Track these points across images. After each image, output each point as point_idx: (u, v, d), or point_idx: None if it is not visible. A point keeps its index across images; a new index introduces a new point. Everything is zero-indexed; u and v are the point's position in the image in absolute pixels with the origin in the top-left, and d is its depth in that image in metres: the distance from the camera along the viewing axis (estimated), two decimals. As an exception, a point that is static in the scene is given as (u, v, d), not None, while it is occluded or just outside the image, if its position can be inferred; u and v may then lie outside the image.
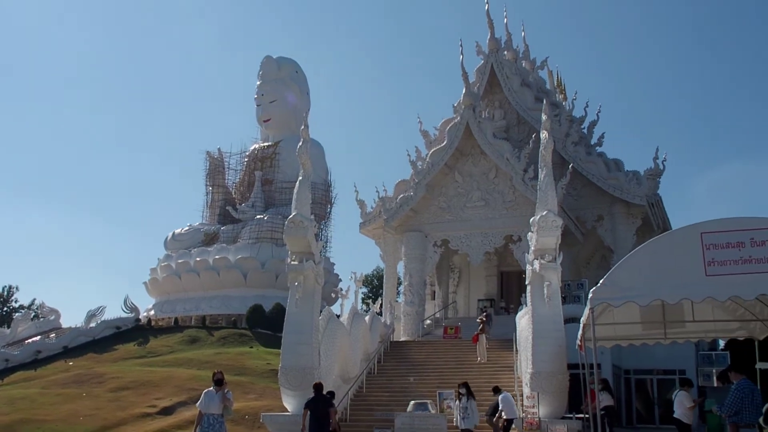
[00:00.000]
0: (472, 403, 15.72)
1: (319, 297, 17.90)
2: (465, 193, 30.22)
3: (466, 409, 15.59)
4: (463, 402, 15.72)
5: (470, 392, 15.89)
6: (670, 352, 21.55)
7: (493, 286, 35.33)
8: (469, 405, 15.62)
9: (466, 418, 15.54)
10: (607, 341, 16.46)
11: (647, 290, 10.37)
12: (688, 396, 12.84)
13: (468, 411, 15.57)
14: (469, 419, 15.53)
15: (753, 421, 9.65)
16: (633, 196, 30.85)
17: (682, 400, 12.63)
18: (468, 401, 15.66)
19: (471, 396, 15.81)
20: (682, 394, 12.79)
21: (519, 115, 34.13)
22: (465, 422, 15.55)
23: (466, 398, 15.71)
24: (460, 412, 15.70)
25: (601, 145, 35.63)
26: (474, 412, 15.68)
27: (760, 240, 10.09)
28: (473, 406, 15.73)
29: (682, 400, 12.64)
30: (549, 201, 15.97)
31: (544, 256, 15.75)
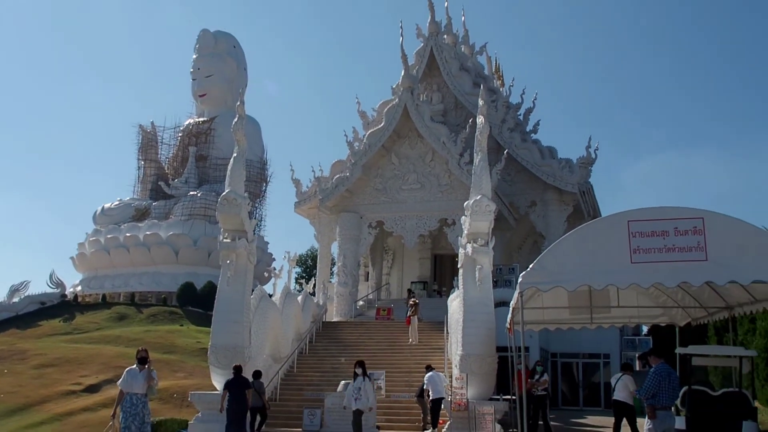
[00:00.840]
0: (367, 383, 14.83)
1: (251, 276, 17.69)
2: (401, 176, 30.28)
3: (359, 390, 14.65)
4: (357, 382, 14.76)
5: (366, 372, 15.01)
6: (596, 336, 22.19)
7: (427, 268, 35.64)
8: (363, 386, 14.67)
9: (358, 399, 14.58)
10: (536, 325, 16.81)
11: (575, 276, 10.56)
12: (632, 380, 13.23)
13: (361, 392, 14.61)
14: (361, 401, 14.58)
15: (670, 404, 9.97)
16: (565, 183, 31.47)
17: (627, 384, 12.97)
18: (363, 381, 14.74)
19: (366, 376, 14.97)
20: (626, 377, 13.14)
21: (457, 100, 34.35)
22: (357, 403, 14.61)
23: (361, 378, 14.77)
24: (353, 392, 14.76)
25: (536, 132, 36.23)
26: (369, 393, 14.75)
27: (683, 229, 10.36)
28: (368, 387, 14.84)
29: (626, 383, 12.99)
30: (483, 186, 16.10)
31: (476, 240, 15.89)
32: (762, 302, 12.63)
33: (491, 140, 30.98)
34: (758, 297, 12.57)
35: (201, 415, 16.57)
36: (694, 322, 16.32)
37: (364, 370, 14.88)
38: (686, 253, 10.32)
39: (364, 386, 14.63)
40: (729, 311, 14.20)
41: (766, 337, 16.43)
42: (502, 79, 42.03)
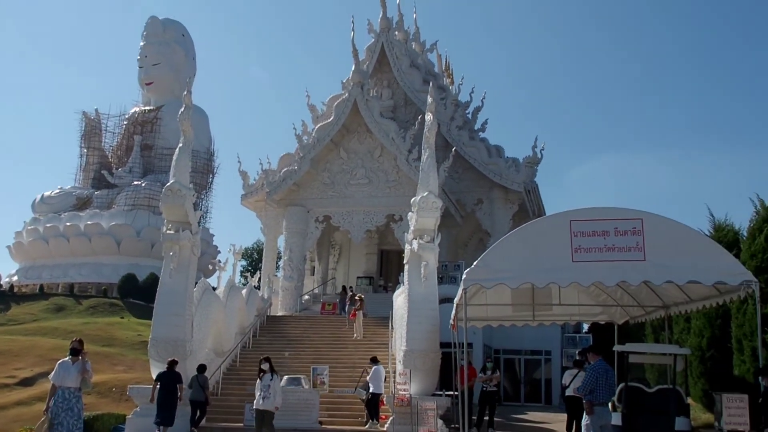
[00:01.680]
0: (276, 381, 13.77)
1: (194, 268, 17.39)
2: (349, 170, 30.22)
3: (267, 388, 13.45)
4: (265, 380, 13.55)
5: (273, 368, 13.93)
6: (538, 333, 22.51)
7: (373, 264, 35.67)
8: (272, 383, 13.54)
9: (266, 398, 13.39)
10: (479, 321, 16.97)
11: (518, 273, 10.70)
12: None
13: (270, 390, 13.44)
14: (269, 399, 13.41)
15: (606, 400, 10.16)
16: (511, 182, 31.86)
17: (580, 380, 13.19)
18: (272, 379, 13.60)
19: (275, 373, 13.89)
20: (581, 374, 13.41)
21: (407, 96, 34.44)
22: (265, 402, 13.41)
23: (269, 375, 13.63)
24: (261, 390, 13.51)
25: (484, 130, 36.57)
26: (277, 391, 13.68)
27: (623, 230, 10.59)
28: (277, 385, 13.80)
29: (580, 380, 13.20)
30: (430, 182, 16.15)
31: (422, 237, 15.93)
32: (697, 302, 13.01)
33: (440, 137, 31.18)
34: (693, 297, 12.94)
35: (139, 410, 16.23)
36: (632, 320, 16.71)
37: (271, 366, 13.81)
38: (625, 252, 10.55)
39: (274, 384, 13.60)
40: (665, 310, 14.58)
41: (700, 336, 16.87)
42: (451, 77, 42.31)
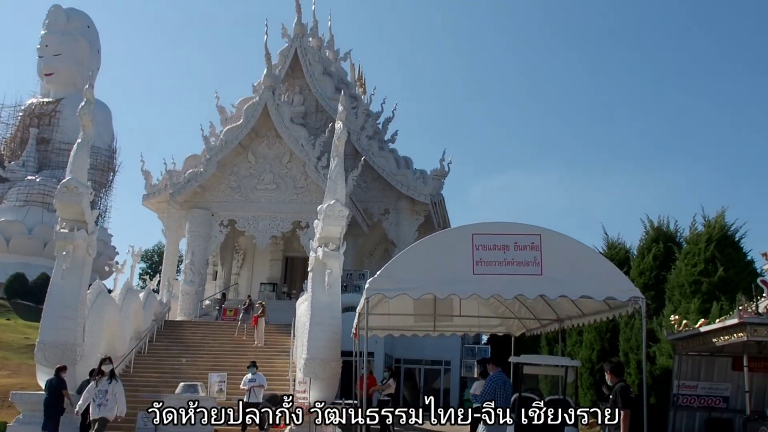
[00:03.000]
0: (117, 386, 12.27)
1: (89, 269, 16.70)
2: (257, 175, 29.85)
3: (105, 393, 11.97)
4: (103, 384, 12.05)
5: (114, 373, 12.60)
6: (438, 343, 22.87)
7: (278, 270, 35.32)
8: (111, 389, 12.06)
9: (103, 405, 11.88)
10: (381, 331, 17.07)
11: (420, 284, 10.80)
12: None
13: (108, 396, 11.98)
14: (107, 407, 11.93)
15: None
16: (418, 193, 32.29)
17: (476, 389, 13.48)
18: (110, 383, 12.13)
19: (116, 378, 12.50)
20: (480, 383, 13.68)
21: (318, 103, 34.39)
22: (101, 410, 11.88)
23: (107, 380, 12.16)
24: (97, 396, 11.96)
25: (393, 141, 36.97)
26: (120, 398, 12.29)
27: (522, 245, 10.88)
28: (120, 390, 12.34)
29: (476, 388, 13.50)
30: (338, 190, 16.15)
31: (328, 245, 15.90)
32: (589, 316, 13.51)
33: (349, 146, 31.29)
34: (585, 311, 13.44)
35: (22, 417, 15.40)
36: (529, 332, 17.21)
37: (112, 370, 12.54)
38: (524, 267, 10.83)
39: (113, 390, 12.16)
40: (559, 323, 15.08)
41: (591, 349, 17.61)
42: (364, 87, 42.57)
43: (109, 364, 12.54)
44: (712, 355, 12.74)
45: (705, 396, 12.84)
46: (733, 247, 15.22)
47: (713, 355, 12.69)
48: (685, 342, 12.28)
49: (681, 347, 12.57)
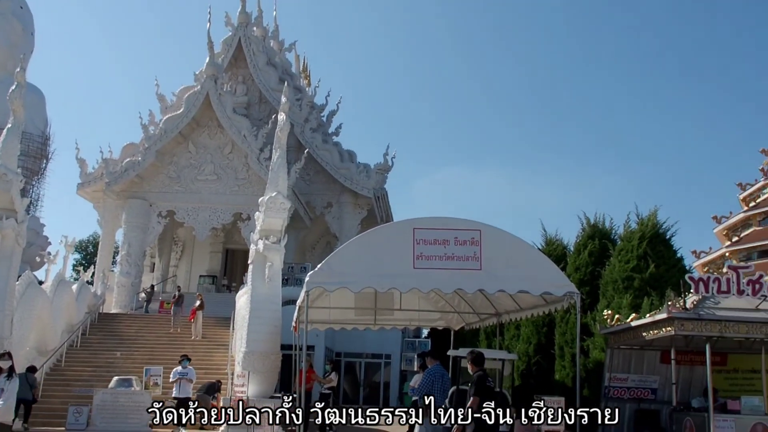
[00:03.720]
0: (13, 384, 11.69)
1: (18, 259, 16.17)
2: (197, 165, 29.38)
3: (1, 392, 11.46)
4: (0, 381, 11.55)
5: (13, 370, 11.87)
6: (379, 337, 22.98)
7: (217, 262, 34.88)
8: (7, 386, 11.52)
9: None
10: (322, 324, 17.05)
11: (360, 278, 10.82)
12: None
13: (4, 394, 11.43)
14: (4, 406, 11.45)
15: (441, 403, 10.47)
16: (361, 187, 32.29)
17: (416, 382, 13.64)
18: (7, 381, 11.55)
19: (14, 375, 11.80)
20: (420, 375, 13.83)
21: (262, 94, 34.04)
22: None
23: (5, 377, 11.58)
24: None
25: (338, 135, 36.84)
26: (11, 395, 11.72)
27: (462, 240, 11.00)
28: (13, 388, 11.72)
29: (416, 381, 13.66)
30: (280, 183, 16.02)
31: (269, 237, 15.77)
32: (526, 310, 13.78)
33: (293, 138, 31.08)
34: (523, 306, 13.70)
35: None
36: (468, 326, 17.44)
37: (11, 367, 11.84)
38: (463, 262, 10.96)
39: (8, 387, 11.59)
40: (498, 318, 15.33)
41: (528, 343, 17.94)
42: (308, 79, 42.28)
43: (8, 360, 11.86)
44: (642, 349, 13.13)
45: (635, 388, 13.23)
46: (664, 245, 15.71)
47: (643, 348, 13.08)
48: (617, 336, 12.63)
49: (613, 341, 12.91)
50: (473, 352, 9.11)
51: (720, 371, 13.22)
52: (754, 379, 13.24)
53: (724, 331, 10.46)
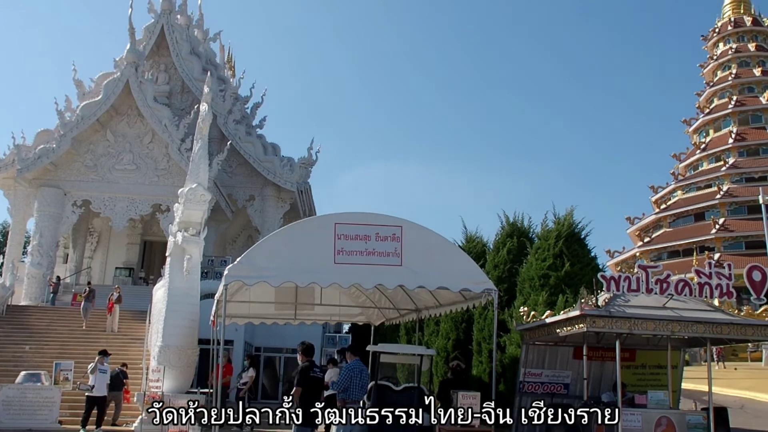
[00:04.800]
0: None
1: None
2: (115, 154, 28.48)
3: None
4: None
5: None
6: (299, 332, 22.82)
7: (135, 254, 33.95)
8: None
9: None
10: (241, 318, 16.85)
11: (281, 272, 10.74)
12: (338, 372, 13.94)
13: None
14: None
15: (359, 398, 10.52)
16: (285, 181, 32.02)
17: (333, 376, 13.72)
18: None
19: None
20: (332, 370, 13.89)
21: (184, 83, 33.29)
22: None
23: None
24: None
25: (262, 127, 36.43)
26: None
27: (384, 235, 11.08)
28: None
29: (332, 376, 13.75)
30: (200, 174, 15.73)
31: (188, 229, 15.46)
32: (445, 306, 13.97)
33: (216, 130, 30.56)
34: (442, 302, 13.88)
35: None
36: (388, 321, 17.56)
37: None
38: (384, 257, 11.04)
39: None
40: (417, 313, 15.49)
41: (447, 338, 18.18)
42: (233, 70, 41.62)
43: None
44: (556, 345, 13.49)
45: (548, 383, 13.59)
46: (579, 244, 16.19)
47: (557, 344, 13.45)
48: (532, 332, 12.94)
49: (528, 337, 13.22)
50: (303, 343, 9.34)
51: (629, 367, 13.74)
52: (660, 375, 13.83)
53: (633, 328, 10.85)
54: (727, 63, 66.47)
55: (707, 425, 11.17)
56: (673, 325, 10.94)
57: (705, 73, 69.17)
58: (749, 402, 22.74)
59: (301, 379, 8.85)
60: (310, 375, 8.91)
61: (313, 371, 9.02)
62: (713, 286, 11.10)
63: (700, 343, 13.17)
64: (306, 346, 9.27)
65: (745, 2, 70.14)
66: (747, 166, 58.94)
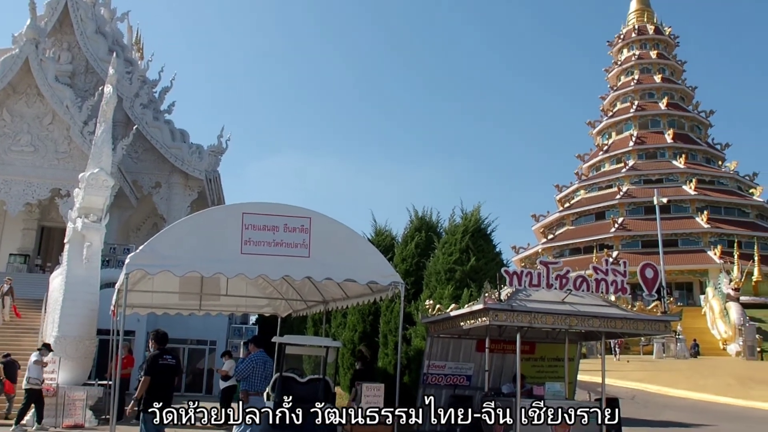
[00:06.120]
0: None
1: None
2: (12, 135, 27.10)
3: None
4: None
5: None
6: (205, 323, 22.40)
7: (31, 240, 32.39)
8: None
9: None
10: (144, 308, 16.37)
11: (185, 261, 10.47)
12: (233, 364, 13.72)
13: None
14: None
15: (261, 389, 10.44)
16: (193, 168, 31.30)
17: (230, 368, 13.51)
18: None
19: None
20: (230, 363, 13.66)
21: (88, 63, 31.99)
22: None
23: None
24: None
25: (170, 113, 35.41)
26: None
27: (292, 227, 10.98)
28: None
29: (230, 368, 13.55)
30: (103, 159, 15.20)
31: (89, 215, 14.94)
32: (352, 299, 14.01)
33: (121, 113, 29.55)
34: (350, 294, 13.92)
35: None
36: (296, 313, 17.46)
37: None
38: (292, 249, 10.95)
39: None
40: (325, 305, 15.47)
41: (354, 331, 18.24)
42: (141, 52, 40.22)
43: None
44: (459, 338, 13.76)
45: (451, 375, 13.85)
46: (485, 239, 16.54)
47: (461, 337, 13.72)
48: (437, 325, 13.15)
49: (433, 330, 13.42)
50: (157, 331, 9.33)
51: (528, 359, 14.17)
52: (558, 367, 14.33)
53: (533, 321, 11.18)
54: (630, 69, 69.47)
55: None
56: (570, 319, 11.34)
57: (610, 77, 72.07)
58: (640, 393, 23.92)
59: (150, 368, 8.78)
60: (159, 363, 8.84)
61: (164, 359, 8.94)
62: (609, 283, 11.55)
63: (596, 336, 13.72)
64: (158, 334, 9.18)
65: (648, 11, 73.44)
66: (645, 169, 61.85)
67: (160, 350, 9.04)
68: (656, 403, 21.53)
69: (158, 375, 8.79)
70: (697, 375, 27.27)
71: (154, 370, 8.77)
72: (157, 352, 9.00)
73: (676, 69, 69.31)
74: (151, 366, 8.83)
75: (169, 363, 9.02)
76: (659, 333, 12.57)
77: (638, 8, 73.19)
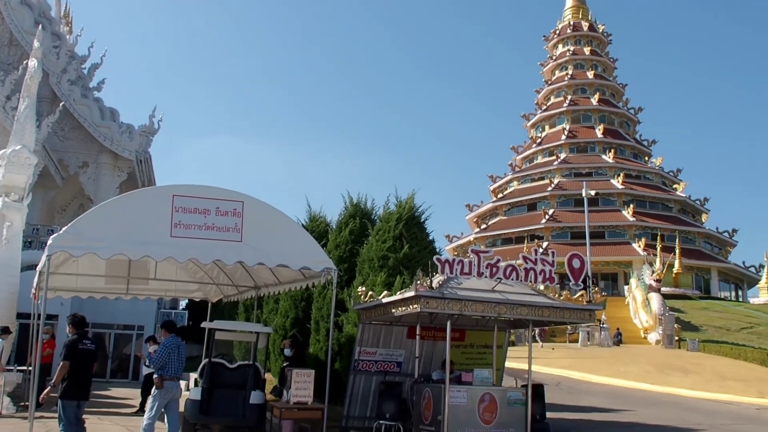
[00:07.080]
0: None
1: None
2: (-72, 108, 25.75)
3: None
4: None
5: None
6: (132, 307, 21.88)
7: (-53, 220, 31.05)
8: None
9: None
10: (67, 292, 15.89)
11: (112, 244, 10.16)
12: None
13: None
14: None
15: (177, 375, 10.22)
16: (123, 148, 30.51)
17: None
18: None
19: None
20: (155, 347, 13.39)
21: (12, 35, 30.69)
22: None
23: None
24: None
25: (100, 90, 34.36)
26: None
27: (224, 210, 10.79)
28: None
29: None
30: (26, 135, 14.63)
31: (9, 195, 14.39)
32: (285, 284, 13.91)
33: (47, 89, 28.52)
34: (282, 280, 13.81)
35: None
36: (227, 298, 17.23)
37: None
38: (224, 233, 10.77)
39: None
40: (257, 291, 15.31)
41: (285, 317, 18.11)
42: (70, 26, 38.86)
43: None
44: (391, 325, 13.81)
45: (382, 361, 13.90)
46: (418, 227, 16.63)
47: (392, 324, 13.77)
48: (369, 312, 13.15)
49: (365, 316, 13.43)
50: (74, 315, 9.23)
51: (458, 346, 14.35)
52: (486, 354, 14.57)
53: (464, 309, 11.32)
54: (565, 64, 70.96)
55: (525, 401, 11.90)
56: (500, 308, 11.52)
57: (545, 71, 73.47)
58: (565, 380, 24.60)
59: (68, 353, 8.62)
60: (78, 348, 8.70)
61: (83, 343, 8.80)
62: (538, 272, 11.79)
63: (524, 324, 14.00)
64: (76, 318, 8.99)
65: (583, 8, 75.04)
66: (576, 162, 63.40)
67: (78, 334, 8.84)
68: (579, 389, 22.18)
69: (77, 360, 8.60)
70: (619, 362, 28.21)
71: (73, 356, 8.57)
72: (76, 336, 8.79)
73: (608, 66, 71.14)
74: (70, 351, 8.63)
75: (88, 348, 8.85)
76: (584, 321, 12.92)
77: (574, 5, 74.71)
